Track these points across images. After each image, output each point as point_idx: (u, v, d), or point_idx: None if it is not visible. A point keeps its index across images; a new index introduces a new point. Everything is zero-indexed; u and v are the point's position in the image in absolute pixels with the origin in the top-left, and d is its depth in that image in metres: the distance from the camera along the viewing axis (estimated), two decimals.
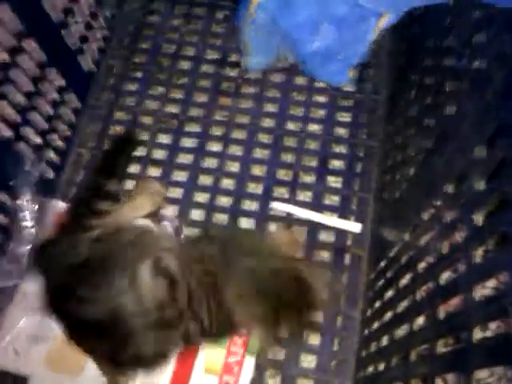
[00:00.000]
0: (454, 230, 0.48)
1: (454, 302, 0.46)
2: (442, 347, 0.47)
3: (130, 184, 0.89)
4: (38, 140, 0.83)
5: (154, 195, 0.82)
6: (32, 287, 0.77)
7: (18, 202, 0.78)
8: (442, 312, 0.48)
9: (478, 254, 0.42)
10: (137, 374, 0.73)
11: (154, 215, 0.81)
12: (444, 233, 0.50)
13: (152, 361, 0.65)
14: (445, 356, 0.43)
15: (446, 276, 0.49)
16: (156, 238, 0.69)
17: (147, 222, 0.76)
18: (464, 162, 0.48)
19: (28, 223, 0.79)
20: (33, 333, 0.77)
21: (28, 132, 0.80)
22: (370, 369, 0.69)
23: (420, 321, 0.54)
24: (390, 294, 0.67)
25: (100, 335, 0.62)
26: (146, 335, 0.61)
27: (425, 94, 0.63)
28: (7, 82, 0.74)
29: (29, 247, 0.78)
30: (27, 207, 0.79)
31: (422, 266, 0.56)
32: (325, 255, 0.85)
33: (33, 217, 0.80)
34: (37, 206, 0.80)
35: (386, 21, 0.80)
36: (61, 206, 0.85)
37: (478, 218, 0.42)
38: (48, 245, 0.70)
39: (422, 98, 0.66)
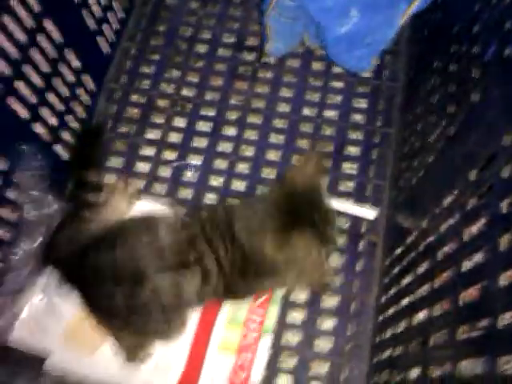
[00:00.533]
0: (477, 217, 0.48)
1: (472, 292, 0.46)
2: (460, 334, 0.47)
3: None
4: (54, 121, 0.83)
5: (128, 195, 0.83)
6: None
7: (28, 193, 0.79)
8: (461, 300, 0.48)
9: (503, 242, 0.42)
10: (154, 347, 0.74)
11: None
12: (466, 220, 0.50)
13: (171, 309, 0.65)
14: (468, 341, 0.44)
15: (467, 263, 0.49)
16: (161, 216, 0.71)
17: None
18: (489, 149, 0.48)
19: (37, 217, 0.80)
20: (51, 311, 0.79)
21: (44, 113, 0.81)
22: (386, 354, 0.70)
23: (437, 308, 0.55)
24: (407, 280, 0.67)
25: (117, 283, 0.63)
26: (163, 275, 0.62)
27: (448, 81, 0.63)
28: (25, 62, 0.74)
29: (39, 241, 0.79)
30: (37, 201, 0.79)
31: (441, 252, 0.56)
32: (339, 241, 0.86)
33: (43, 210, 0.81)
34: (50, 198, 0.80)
35: (415, 6, 0.79)
36: None
37: (503, 205, 0.42)
38: (54, 234, 0.73)
39: (444, 85, 0.65)
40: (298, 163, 0.73)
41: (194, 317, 0.76)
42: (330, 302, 0.82)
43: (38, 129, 0.79)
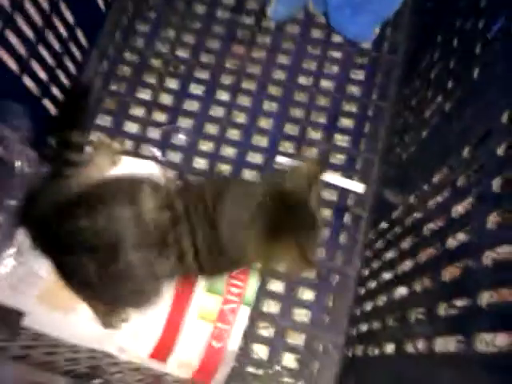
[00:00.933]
0: (467, 194, 0.48)
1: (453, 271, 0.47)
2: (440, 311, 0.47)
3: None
4: (44, 75, 0.81)
5: (111, 154, 0.81)
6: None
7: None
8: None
9: (491, 220, 0.41)
10: (128, 313, 0.74)
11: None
12: (456, 197, 0.50)
13: (143, 282, 0.65)
14: (448, 318, 0.44)
15: (452, 240, 0.49)
16: (142, 178, 0.69)
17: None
18: (485, 127, 0.47)
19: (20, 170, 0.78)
20: (26, 271, 0.78)
21: (34, 67, 0.78)
22: (364, 327, 0.70)
23: (417, 284, 0.55)
24: (390, 255, 0.67)
25: (91, 251, 0.61)
26: (138, 251, 0.61)
27: (450, 56, 0.62)
28: (18, 13, 0.71)
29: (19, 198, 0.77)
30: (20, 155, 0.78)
31: (427, 228, 0.56)
32: (325, 213, 0.85)
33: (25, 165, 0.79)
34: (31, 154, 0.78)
35: None
36: None
37: (496, 184, 0.41)
38: (33, 192, 0.71)
39: (445, 60, 0.64)
40: (293, 168, 0.71)
41: (172, 285, 0.75)
42: (312, 272, 0.82)
43: (28, 82, 0.77)
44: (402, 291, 0.59)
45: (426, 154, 0.64)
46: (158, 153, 0.89)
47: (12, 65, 0.73)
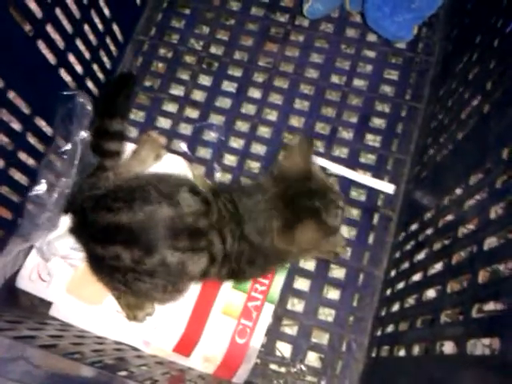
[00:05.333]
0: (506, 196, 0.47)
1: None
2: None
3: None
4: (80, 69, 0.82)
5: (156, 148, 0.82)
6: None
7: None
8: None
9: None
10: (153, 308, 0.75)
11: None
12: (493, 199, 0.49)
13: (176, 273, 0.66)
14: (481, 320, 0.43)
15: (489, 241, 0.48)
16: (182, 179, 0.71)
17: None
18: None
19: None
20: (57, 261, 0.79)
21: (70, 59, 0.80)
22: (390, 328, 0.70)
23: (449, 286, 0.54)
24: (421, 256, 0.66)
25: (126, 242, 0.62)
26: (173, 239, 0.62)
27: (490, 57, 0.61)
28: (57, 5, 0.73)
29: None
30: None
31: (462, 230, 0.55)
32: (354, 213, 0.85)
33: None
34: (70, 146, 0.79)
35: None
36: None
37: None
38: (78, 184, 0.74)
39: (484, 61, 0.63)
40: (285, 153, 0.72)
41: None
42: (339, 272, 0.82)
43: (64, 75, 0.79)
44: (431, 293, 0.59)
45: (462, 156, 0.64)
46: (185, 148, 0.89)
47: (50, 57, 0.75)
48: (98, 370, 0.49)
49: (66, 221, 0.75)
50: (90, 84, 0.86)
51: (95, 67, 0.87)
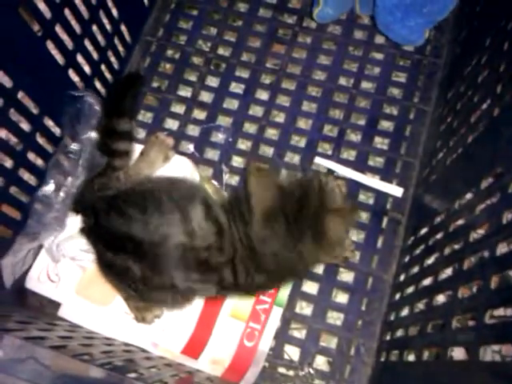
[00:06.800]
0: None
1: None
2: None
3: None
4: (88, 69, 0.83)
5: (165, 150, 0.81)
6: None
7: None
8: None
9: None
10: (162, 310, 0.75)
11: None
12: (506, 203, 0.48)
13: (181, 295, 0.67)
14: (494, 326, 0.43)
15: (502, 247, 0.47)
16: (195, 186, 0.71)
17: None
18: None
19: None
20: (66, 262, 0.79)
21: (79, 60, 0.80)
22: (399, 332, 0.69)
23: (460, 291, 0.54)
24: (431, 260, 0.66)
25: (138, 257, 0.62)
26: (185, 270, 0.62)
27: (500, 60, 0.60)
28: (66, 6, 0.73)
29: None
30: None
31: (474, 235, 0.54)
32: (362, 216, 0.85)
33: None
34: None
35: None
36: None
37: None
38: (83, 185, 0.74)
39: (494, 63, 0.63)
40: (253, 182, 0.70)
41: None
42: (347, 276, 0.82)
43: (73, 75, 0.79)
44: (441, 298, 0.58)
45: (473, 159, 0.63)
46: (192, 149, 0.89)
47: (59, 58, 0.75)
48: (107, 371, 0.49)
49: (74, 222, 0.75)
50: (97, 84, 0.86)
51: (103, 67, 0.87)
